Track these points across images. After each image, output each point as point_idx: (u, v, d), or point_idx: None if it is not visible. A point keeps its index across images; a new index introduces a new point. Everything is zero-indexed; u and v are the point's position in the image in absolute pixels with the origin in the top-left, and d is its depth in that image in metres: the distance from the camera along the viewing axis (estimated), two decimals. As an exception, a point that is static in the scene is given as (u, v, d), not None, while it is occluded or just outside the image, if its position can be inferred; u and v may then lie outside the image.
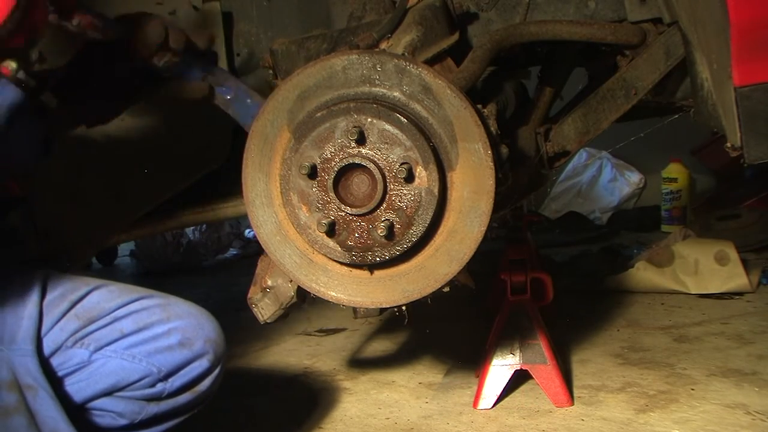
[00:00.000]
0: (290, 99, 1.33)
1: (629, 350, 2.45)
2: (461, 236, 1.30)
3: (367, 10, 1.63)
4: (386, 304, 1.35)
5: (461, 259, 1.30)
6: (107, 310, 1.37)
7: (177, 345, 1.39)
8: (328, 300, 1.37)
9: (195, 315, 1.45)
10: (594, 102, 1.83)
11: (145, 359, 1.37)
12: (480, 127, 1.26)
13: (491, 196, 1.27)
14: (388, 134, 1.26)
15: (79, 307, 1.36)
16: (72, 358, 1.34)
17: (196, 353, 1.41)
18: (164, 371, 1.38)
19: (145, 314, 1.40)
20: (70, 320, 1.34)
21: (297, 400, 2.25)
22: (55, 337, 1.33)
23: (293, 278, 1.38)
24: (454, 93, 1.27)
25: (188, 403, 1.45)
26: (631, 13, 1.72)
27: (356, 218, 1.29)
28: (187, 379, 1.42)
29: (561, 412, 1.98)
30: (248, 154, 1.37)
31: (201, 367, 1.42)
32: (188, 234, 4.87)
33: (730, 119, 1.43)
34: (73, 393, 1.35)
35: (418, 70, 1.27)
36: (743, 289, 3.04)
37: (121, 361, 1.36)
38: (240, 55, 1.93)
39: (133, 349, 1.36)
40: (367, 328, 2.95)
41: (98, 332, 1.36)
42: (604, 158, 5.47)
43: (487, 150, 1.26)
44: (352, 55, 1.30)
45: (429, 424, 1.98)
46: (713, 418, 1.88)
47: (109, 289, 1.41)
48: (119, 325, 1.37)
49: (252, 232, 4.87)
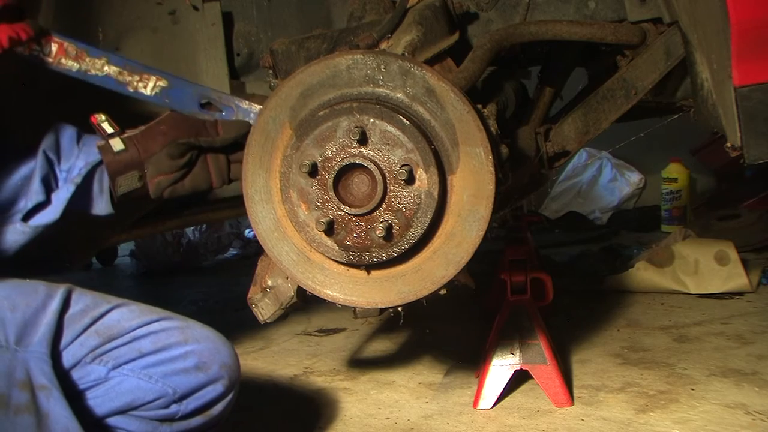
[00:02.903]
0: (293, 96, 1.33)
1: (629, 350, 2.45)
2: (459, 240, 1.30)
3: (367, 10, 1.63)
4: (382, 304, 1.36)
5: (458, 262, 1.30)
6: (127, 329, 1.38)
7: (193, 368, 1.40)
8: (324, 298, 1.37)
9: (212, 339, 1.46)
10: (594, 102, 1.83)
11: (162, 380, 1.38)
12: (482, 131, 1.26)
13: (491, 200, 1.27)
14: (390, 135, 1.26)
15: (100, 324, 1.37)
16: (90, 373, 1.36)
17: (211, 377, 1.42)
18: (179, 393, 1.39)
19: (164, 335, 1.40)
20: (90, 336, 1.36)
21: (297, 400, 2.25)
22: (75, 351, 1.34)
23: (290, 275, 1.38)
24: (458, 96, 1.27)
25: (200, 426, 1.46)
26: (631, 13, 1.72)
27: (355, 218, 1.29)
28: (201, 403, 1.43)
29: (561, 412, 1.98)
30: (249, 150, 1.37)
31: (215, 392, 1.43)
32: (188, 234, 4.87)
33: (730, 119, 1.43)
34: (89, 408, 1.36)
35: (423, 72, 1.27)
36: (743, 289, 3.04)
37: (138, 380, 1.37)
38: (240, 55, 1.93)
39: (150, 369, 1.38)
40: (367, 328, 2.95)
41: (117, 350, 1.37)
42: (604, 158, 5.47)
43: (488, 154, 1.26)
44: (357, 55, 1.30)
45: (429, 424, 1.98)
46: (713, 418, 1.88)
47: (130, 309, 1.42)
48: (138, 344, 1.38)
49: (252, 233, 4.87)
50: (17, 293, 1.33)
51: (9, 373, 1.26)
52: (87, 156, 1.39)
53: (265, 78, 1.78)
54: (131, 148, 1.37)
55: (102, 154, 1.37)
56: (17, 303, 1.31)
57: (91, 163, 1.37)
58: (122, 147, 1.37)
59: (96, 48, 1.40)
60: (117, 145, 1.37)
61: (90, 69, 1.37)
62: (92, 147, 1.40)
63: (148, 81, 1.40)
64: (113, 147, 1.37)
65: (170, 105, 1.41)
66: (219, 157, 1.43)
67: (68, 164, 1.39)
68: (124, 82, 1.39)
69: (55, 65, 1.36)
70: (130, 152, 1.37)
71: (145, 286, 4.54)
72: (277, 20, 1.93)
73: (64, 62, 1.36)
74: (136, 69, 1.40)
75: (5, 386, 1.25)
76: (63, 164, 1.38)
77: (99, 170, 1.40)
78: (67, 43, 1.36)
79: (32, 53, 1.33)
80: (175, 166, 1.39)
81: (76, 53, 1.36)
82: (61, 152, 1.38)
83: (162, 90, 1.41)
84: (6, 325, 1.28)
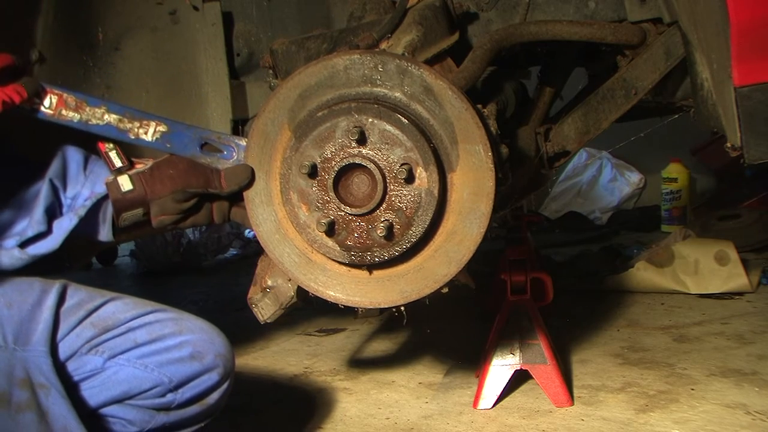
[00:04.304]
0: (291, 98, 1.33)
1: (629, 350, 2.45)
2: (460, 238, 1.29)
3: (367, 10, 1.63)
4: (384, 304, 1.36)
5: (460, 260, 1.30)
6: (122, 320, 1.40)
7: (188, 357, 1.42)
8: (326, 299, 1.37)
9: (206, 330, 1.48)
10: (594, 102, 1.83)
11: (157, 369, 1.39)
12: (481, 129, 1.26)
13: (491, 198, 1.27)
14: (389, 135, 1.25)
15: (95, 316, 1.39)
16: (86, 364, 1.38)
17: (206, 366, 1.44)
18: (175, 382, 1.41)
19: (159, 326, 1.42)
20: (85, 328, 1.38)
21: (297, 400, 2.25)
22: (71, 342, 1.36)
23: (292, 277, 1.38)
24: (456, 94, 1.27)
25: (197, 415, 1.48)
26: (631, 13, 1.72)
27: (356, 218, 1.29)
28: (197, 392, 1.44)
29: (561, 412, 1.98)
30: (249, 152, 1.37)
31: (211, 381, 1.45)
32: (188, 234, 4.87)
33: (730, 119, 1.43)
34: (86, 398, 1.38)
35: (420, 71, 1.27)
36: (743, 289, 3.04)
37: (134, 369, 1.39)
38: (240, 55, 1.93)
39: (146, 359, 1.39)
40: (367, 328, 2.95)
41: (112, 341, 1.39)
42: (604, 158, 5.47)
43: (487, 152, 1.26)
44: (354, 55, 1.29)
45: (429, 424, 1.98)
46: (713, 418, 1.88)
47: (124, 302, 1.44)
48: (133, 335, 1.40)
49: (252, 233, 4.87)
50: (13, 290, 1.34)
51: (9, 372, 1.27)
52: (93, 186, 1.41)
53: (265, 78, 1.78)
54: (138, 187, 1.39)
55: (109, 191, 1.39)
56: (13, 300, 1.33)
57: (96, 195, 1.39)
58: (130, 187, 1.39)
59: (94, 97, 1.41)
60: (125, 185, 1.39)
61: (91, 119, 1.39)
62: (98, 176, 1.41)
63: (148, 127, 1.42)
64: (121, 186, 1.39)
65: (171, 150, 1.42)
66: (222, 203, 1.45)
67: (74, 191, 1.40)
68: (125, 130, 1.41)
69: (57, 118, 1.37)
70: (137, 191, 1.39)
71: (145, 286, 4.54)
72: (277, 20, 1.93)
73: (65, 114, 1.38)
74: (135, 116, 1.41)
75: (6, 385, 1.26)
76: (69, 191, 1.40)
77: (104, 203, 1.41)
78: (66, 94, 1.37)
79: (33, 108, 1.35)
80: (179, 209, 1.42)
81: (76, 104, 1.38)
82: (67, 179, 1.40)
83: (162, 135, 1.42)
84: (3, 323, 1.30)
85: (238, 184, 1.38)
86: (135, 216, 1.41)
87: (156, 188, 1.39)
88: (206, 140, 1.44)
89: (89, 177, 1.42)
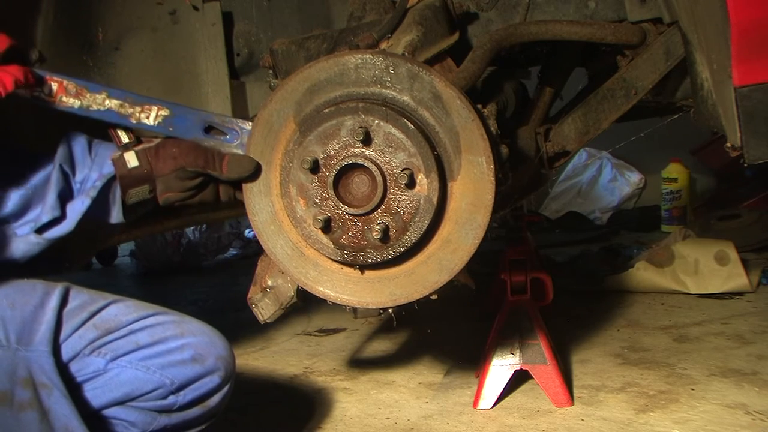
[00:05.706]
0: (299, 91, 1.32)
1: (629, 350, 2.45)
2: (455, 247, 1.30)
3: (367, 10, 1.63)
4: (372, 305, 1.36)
5: (452, 269, 1.30)
6: (124, 322, 1.41)
7: (190, 360, 1.42)
8: (315, 294, 1.38)
9: (207, 333, 1.49)
10: (594, 102, 1.83)
11: (159, 371, 1.40)
12: (485, 141, 1.26)
13: (489, 210, 1.27)
14: (394, 138, 1.26)
15: (98, 318, 1.40)
16: (89, 365, 1.38)
17: (207, 369, 1.44)
18: (176, 384, 1.41)
19: (160, 329, 1.43)
20: (88, 329, 1.38)
21: (297, 400, 2.25)
22: (74, 344, 1.37)
23: (283, 269, 1.39)
24: (464, 104, 1.26)
25: (198, 417, 1.48)
26: (631, 13, 1.71)
27: (352, 218, 1.29)
28: (198, 394, 1.45)
29: (561, 412, 1.98)
30: (251, 141, 1.37)
31: (212, 383, 1.45)
32: (188, 234, 4.87)
33: (730, 119, 1.43)
34: (89, 399, 1.39)
35: (430, 77, 1.27)
36: (743, 289, 3.04)
37: (136, 371, 1.40)
38: (240, 55, 1.93)
39: (148, 361, 1.40)
40: (367, 328, 2.95)
41: (115, 343, 1.40)
42: (604, 158, 5.47)
43: (490, 165, 1.26)
44: (366, 55, 1.29)
45: (429, 424, 1.98)
46: (713, 418, 1.88)
47: (126, 304, 1.45)
48: (135, 337, 1.41)
49: (252, 233, 4.87)
50: (15, 291, 1.35)
51: (11, 371, 1.28)
52: (100, 167, 1.40)
53: (265, 78, 1.78)
54: (144, 163, 1.39)
55: (116, 168, 1.39)
56: (16, 301, 1.33)
57: (105, 176, 1.39)
58: (136, 163, 1.39)
59: (94, 83, 1.41)
60: (132, 161, 1.39)
61: (92, 105, 1.39)
62: (105, 157, 1.41)
63: (150, 111, 1.41)
64: (128, 162, 1.39)
65: (174, 133, 1.42)
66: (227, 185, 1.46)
67: (82, 175, 1.40)
68: (126, 115, 1.41)
69: (57, 104, 1.37)
70: (142, 167, 1.39)
71: (145, 286, 4.54)
72: (277, 20, 1.93)
73: (65, 100, 1.37)
74: (136, 100, 1.41)
75: (8, 384, 1.27)
76: (77, 175, 1.40)
77: (113, 185, 1.42)
78: (66, 80, 1.37)
79: (34, 95, 1.35)
80: (183, 187, 1.42)
81: (77, 90, 1.37)
82: (75, 164, 1.40)
83: (165, 119, 1.42)
84: (6, 323, 1.30)
85: (239, 174, 1.38)
86: (141, 193, 1.40)
87: (159, 165, 1.39)
88: (210, 123, 1.43)
89: (96, 159, 1.41)
